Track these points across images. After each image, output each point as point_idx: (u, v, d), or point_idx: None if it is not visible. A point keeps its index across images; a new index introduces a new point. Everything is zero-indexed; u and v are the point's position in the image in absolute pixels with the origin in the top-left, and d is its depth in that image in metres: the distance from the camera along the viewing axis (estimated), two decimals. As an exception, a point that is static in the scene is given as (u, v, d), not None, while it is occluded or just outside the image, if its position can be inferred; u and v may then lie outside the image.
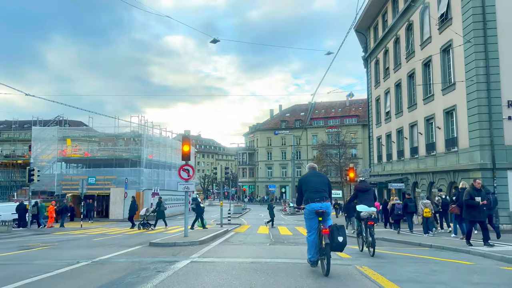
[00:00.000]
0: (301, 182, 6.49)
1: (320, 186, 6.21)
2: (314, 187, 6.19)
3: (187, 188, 11.72)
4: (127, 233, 17.68)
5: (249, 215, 36.34)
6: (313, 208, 6.01)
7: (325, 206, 6.03)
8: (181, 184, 11.71)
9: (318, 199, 6.05)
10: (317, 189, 6.15)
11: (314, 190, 6.15)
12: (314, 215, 6.02)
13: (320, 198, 6.06)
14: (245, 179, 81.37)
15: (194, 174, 11.80)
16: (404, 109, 25.17)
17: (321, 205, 6.01)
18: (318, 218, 5.99)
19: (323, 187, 6.22)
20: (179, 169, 11.76)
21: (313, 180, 6.34)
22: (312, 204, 6.04)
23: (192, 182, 11.78)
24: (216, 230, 14.85)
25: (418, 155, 23.07)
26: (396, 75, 26.59)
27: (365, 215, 8.52)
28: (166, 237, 11.77)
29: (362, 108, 77.10)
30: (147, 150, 37.38)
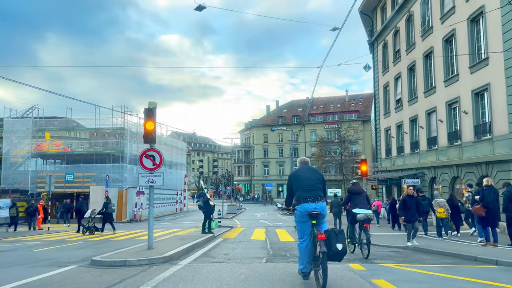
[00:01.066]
0: (292, 178, 5.59)
1: (314, 183, 5.36)
2: (307, 184, 5.33)
3: (151, 182, 8.53)
4: (90, 239, 14.45)
5: (244, 216, 33.17)
6: (306, 209, 5.16)
7: (320, 207, 5.17)
8: (143, 176, 8.50)
9: (312, 198, 5.20)
10: (311, 186, 5.31)
11: (307, 188, 5.30)
12: (307, 218, 5.16)
13: (314, 197, 5.22)
14: (240, 177, 78.10)
15: (162, 163, 8.61)
16: (419, 94, 22.07)
17: (315, 205, 5.15)
18: (312, 221, 5.12)
19: (318, 185, 5.38)
20: (140, 156, 8.56)
21: (305, 176, 5.45)
22: (304, 205, 5.19)
23: (160, 173, 8.58)
24: (198, 237, 11.67)
25: (437, 146, 19.98)
26: (409, 57, 23.49)
27: (362, 217, 8.40)
28: (122, 250, 8.55)
29: (362, 104, 74.23)
30: (132, 145, 34.09)
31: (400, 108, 24.98)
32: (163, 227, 21.19)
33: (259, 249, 9.60)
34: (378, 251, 9.66)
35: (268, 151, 74.70)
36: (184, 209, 43.87)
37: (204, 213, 14.42)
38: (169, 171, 44.48)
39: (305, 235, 5.18)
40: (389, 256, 8.73)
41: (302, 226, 5.23)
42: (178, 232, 16.44)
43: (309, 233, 5.15)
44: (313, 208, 5.10)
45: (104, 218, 17.70)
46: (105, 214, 17.57)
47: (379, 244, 11.47)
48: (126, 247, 9.74)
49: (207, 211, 14.38)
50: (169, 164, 43.64)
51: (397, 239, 13.22)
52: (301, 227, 5.25)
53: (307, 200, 5.17)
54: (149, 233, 8.41)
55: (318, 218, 5.09)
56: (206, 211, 14.35)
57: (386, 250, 10.02)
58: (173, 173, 45.23)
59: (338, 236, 4.84)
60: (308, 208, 5.11)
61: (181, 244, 9.26)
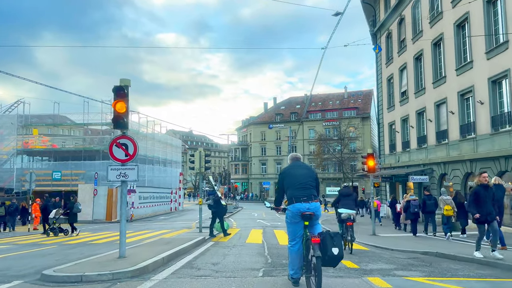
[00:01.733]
0: (283, 176, 5.07)
1: (307, 181, 4.87)
2: (299, 182, 4.85)
3: (123, 176, 7.00)
4: (65, 242, 12.93)
5: (240, 215, 31.68)
6: (298, 209, 4.66)
7: (313, 207, 4.68)
8: (113, 169, 6.97)
9: (305, 198, 4.70)
10: (304, 185, 4.83)
11: (300, 186, 4.81)
12: (299, 219, 4.68)
13: (307, 196, 4.72)
14: (237, 175, 76.61)
15: (137, 154, 7.09)
16: (428, 85, 20.63)
17: (309, 205, 4.65)
18: (304, 223, 4.63)
19: (311, 183, 4.89)
20: (110, 144, 7.00)
21: (298, 173, 4.97)
22: (297, 205, 4.69)
23: (133, 166, 7.05)
24: (186, 240, 10.18)
25: (448, 140, 18.55)
26: (415, 46, 22.04)
27: (346, 216, 9.22)
28: (87, 259, 7.01)
29: (362, 100, 72.84)
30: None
31: (405, 100, 23.55)
32: (153, 228, 19.71)
33: (256, 256, 8.12)
34: (396, 258, 8.20)
35: (266, 149, 73.24)
36: (179, 208, 42.26)
37: (214, 213, 12.90)
38: (163, 169, 42.96)
39: (296, 237, 4.76)
40: (412, 265, 7.28)
41: (294, 228, 4.78)
42: (167, 234, 14.96)
43: (301, 236, 4.73)
44: (306, 209, 4.66)
45: (69, 218, 16.23)
46: (70, 215, 16.07)
47: (392, 249, 10.02)
48: (100, 253, 8.25)
49: (218, 211, 12.91)
50: (163, 162, 42.09)
51: (409, 242, 11.79)
52: (293, 228, 4.80)
53: (300, 199, 4.72)
54: (121, 238, 6.90)
55: (311, 219, 4.66)
56: (217, 210, 12.89)
57: (404, 256, 8.57)
58: (168, 171, 43.70)
59: (334, 240, 4.33)
60: (301, 208, 4.67)
61: (163, 250, 7.77)
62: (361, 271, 6.43)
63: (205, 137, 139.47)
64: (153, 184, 37.65)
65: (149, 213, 34.62)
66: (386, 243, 11.14)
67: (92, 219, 28.40)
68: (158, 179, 40.16)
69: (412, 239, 12.88)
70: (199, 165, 14.49)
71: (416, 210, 14.19)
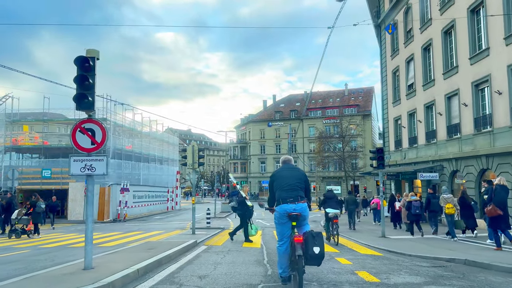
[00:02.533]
0: (273, 178, 5.36)
1: (294, 182, 5.06)
2: (287, 183, 5.04)
3: (89, 169, 5.70)
4: (42, 246, 11.66)
5: (238, 215, 30.40)
6: (285, 210, 4.86)
7: (300, 208, 4.86)
8: (76, 160, 5.66)
9: (292, 199, 4.90)
10: (291, 186, 5.02)
11: (288, 187, 5.01)
12: (286, 219, 4.86)
13: (294, 198, 4.91)
14: (236, 174, 75.29)
15: (106, 142, 5.81)
16: (437, 76, 19.36)
17: (295, 206, 4.86)
18: (292, 223, 4.83)
19: (299, 184, 5.07)
20: (73, 130, 5.69)
21: (286, 175, 5.18)
22: (283, 206, 4.89)
23: (102, 157, 5.75)
24: (174, 244, 8.90)
25: (460, 134, 17.29)
26: (423, 35, 20.77)
27: (332, 215, 11.17)
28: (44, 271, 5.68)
29: (362, 98, 71.58)
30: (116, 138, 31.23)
31: (412, 94, 22.28)
32: (145, 229, 18.44)
33: (253, 265, 6.84)
34: (419, 267, 6.93)
35: (265, 147, 71.98)
36: (176, 207, 40.96)
37: (241, 216, 11.19)
38: (159, 168, 41.66)
39: (284, 237, 4.92)
40: (442, 277, 6.00)
41: (282, 228, 4.96)
42: (157, 236, 13.69)
43: (288, 236, 4.89)
44: (293, 209, 4.84)
45: (32, 219, 14.97)
46: (33, 215, 14.82)
47: (410, 254, 8.76)
48: (71, 260, 6.99)
49: (244, 214, 11.03)
50: (159, 160, 40.79)
51: (423, 245, 10.52)
52: (281, 229, 4.98)
53: (287, 200, 4.90)
54: (86, 247, 5.60)
55: (298, 219, 4.84)
56: (243, 213, 11.06)
57: (427, 264, 7.30)
58: (164, 170, 42.38)
59: (316, 239, 4.50)
60: (287, 209, 4.85)
61: (142, 259, 6.49)
62: (384, 286, 5.17)
63: (203, 135, 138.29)
64: (148, 183, 36.36)
65: (144, 212, 33.36)
66: (400, 247, 9.89)
67: (83, 219, 27.12)
68: (154, 177, 38.86)
69: (425, 241, 11.66)
70: (192, 161, 13.21)
71: (418, 212, 13.53)
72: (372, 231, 15.67)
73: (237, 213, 11.58)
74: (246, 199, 11.41)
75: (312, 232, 4.59)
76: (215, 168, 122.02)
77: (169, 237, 12.54)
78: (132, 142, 34.90)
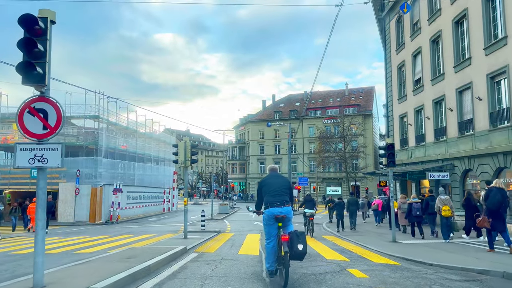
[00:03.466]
0: (261, 185, 6.09)
1: (281, 189, 5.77)
2: (274, 190, 5.74)
3: (40, 161, 4.52)
4: (16, 252, 10.42)
5: (236, 216, 29.24)
6: (272, 213, 5.56)
7: (285, 211, 5.58)
8: (24, 149, 4.43)
9: (278, 203, 5.60)
10: (278, 192, 5.71)
11: (274, 193, 5.69)
12: (273, 221, 5.58)
13: (280, 202, 5.61)
14: (235, 175, 74.22)
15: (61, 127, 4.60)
16: (448, 69, 18.21)
17: (281, 209, 5.55)
18: (278, 224, 5.54)
19: (284, 190, 5.78)
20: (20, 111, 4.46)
21: (273, 182, 5.88)
22: (271, 209, 5.59)
23: (56, 145, 4.54)
24: (159, 252, 7.70)
25: (473, 130, 16.12)
26: (432, 27, 19.63)
27: (309, 214, 13.61)
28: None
29: (363, 98, 70.46)
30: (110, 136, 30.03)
31: (420, 89, 21.12)
32: (136, 232, 17.23)
33: (250, 280, 5.65)
34: (450, 281, 5.74)
35: (264, 147, 70.75)
36: (172, 208, 39.66)
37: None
38: (156, 168, 40.42)
39: (271, 236, 5.55)
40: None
41: (269, 229, 5.58)
42: (146, 241, 12.48)
43: (275, 235, 5.52)
44: (279, 212, 5.47)
45: None
46: None
47: (432, 263, 7.56)
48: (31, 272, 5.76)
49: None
50: (155, 159, 39.56)
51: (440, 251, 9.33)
52: (268, 229, 5.60)
53: (274, 204, 5.52)
54: (36, 259, 4.36)
55: (283, 221, 5.51)
56: None
57: (458, 278, 6.12)
58: (160, 170, 41.18)
59: (300, 238, 5.16)
60: (275, 212, 5.49)
61: (114, 272, 5.30)
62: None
63: (202, 136, 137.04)
64: (143, 183, 35.14)
65: (139, 214, 32.12)
66: (417, 254, 8.71)
67: (74, 221, 25.94)
68: (149, 178, 37.65)
69: (439, 246, 10.53)
70: (184, 158, 12.01)
71: (418, 214, 13.40)
72: (378, 235, 14.54)
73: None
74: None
75: (297, 232, 5.25)
76: (214, 169, 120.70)
77: (157, 242, 11.34)
78: (126, 141, 33.71)
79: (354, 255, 8.83)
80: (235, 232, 15.33)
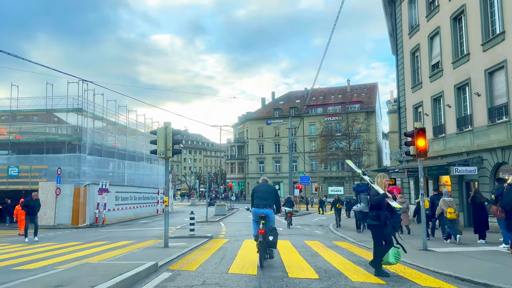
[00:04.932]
0: (253, 191, 7.94)
1: (265, 195, 7.59)
2: (260, 195, 7.60)
3: None
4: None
5: (234, 218, 26.91)
6: (256, 212, 7.51)
7: (266, 212, 7.39)
8: None
9: (262, 205, 7.45)
10: (263, 197, 7.54)
11: (260, 198, 7.56)
12: (258, 218, 7.48)
13: (263, 205, 7.46)
14: (234, 175, 71.80)
15: None
16: (474, 49, 15.87)
17: (263, 211, 7.40)
18: (262, 221, 7.37)
19: (269, 196, 7.62)
20: None
21: (261, 189, 7.77)
22: (255, 209, 7.53)
23: None
24: (111, 275, 5.32)
25: (509, 117, 13.76)
26: (453, 3, 17.31)
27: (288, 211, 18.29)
28: None
29: (366, 94, 68.12)
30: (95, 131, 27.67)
31: (438, 74, 18.78)
32: (115, 238, 14.87)
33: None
34: None
35: (264, 146, 68.32)
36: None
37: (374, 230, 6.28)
38: (149, 167, 38.04)
39: (255, 229, 7.57)
40: None
41: (255, 224, 7.66)
42: (117, 250, 10.10)
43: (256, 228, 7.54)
44: (261, 212, 7.40)
45: None
46: None
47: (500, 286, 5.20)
48: None
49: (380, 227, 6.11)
50: (148, 158, 37.17)
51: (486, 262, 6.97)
52: (254, 224, 7.69)
53: (259, 206, 7.49)
54: None
55: (265, 219, 7.35)
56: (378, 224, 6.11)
57: None
58: (154, 169, 38.78)
59: (271, 232, 7.08)
60: (258, 212, 7.46)
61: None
62: None
63: (200, 135, 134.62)
64: (135, 183, 32.75)
65: (130, 216, 29.72)
66: (470, 271, 6.38)
67: (55, 224, 23.51)
68: (141, 177, 35.28)
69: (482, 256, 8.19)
70: (164, 148, 9.65)
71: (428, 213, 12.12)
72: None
73: (369, 225, 6.46)
74: (388, 198, 6.25)
75: (270, 227, 7.18)
76: (213, 169, 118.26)
77: (127, 253, 8.94)
78: (116, 138, 31.35)
79: (389, 273, 6.41)
80: (229, 238, 12.95)
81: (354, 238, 12.76)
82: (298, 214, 33.19)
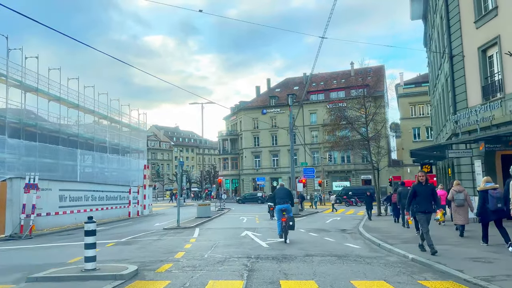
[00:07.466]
0: (274, 193, 12.52)
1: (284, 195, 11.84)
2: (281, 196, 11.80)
3: None
4: None
5: (221, 221, 19.78)
6: (279, 208, 11.56)
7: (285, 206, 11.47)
8: None
9: (283, 202, 11.62)
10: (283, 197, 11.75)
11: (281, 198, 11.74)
12: (280, 212, 11.42)
13: (284, 202, 11.63)
14: (226, 171, 64.36)
15: None
16: None
17: (283, 205, 11.51)
18: (283, 213, 11.29)
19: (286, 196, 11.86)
20: None
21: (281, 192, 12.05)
22: (278, 206, 11.64)
23: None
24: None
25: None
26: None
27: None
28: None
29: (372, 78, 60.87)
30: (20, 103, 20.32)
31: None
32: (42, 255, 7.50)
33: None
34: None
35: (259, 138, 61.02)
36: (144, 212, 29.38)
37: None
38: (117, 159, 30.44)
39: (279, 219, 11.45)
40: None
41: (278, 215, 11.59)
42: None
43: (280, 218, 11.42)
44: (283, 207, 11.45)
45: None
46: None
47: None
48: None
49: None
50: (114, 148, 29.78)
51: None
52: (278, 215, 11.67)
53: (280, 203, 11.62)
54: None
55: (285, 211, 11.27)
56: None
57: None
58: (125, 162, 31.32)
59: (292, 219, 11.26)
60: (280, 207, 11.49)
61: None
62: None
63: (192, 132, 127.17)
64: (93, 179, 25.38)
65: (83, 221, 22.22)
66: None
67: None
68: (106, 172, 27.99)
69: None
70: None
71: (500, 206, 8.22)
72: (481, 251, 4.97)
73: None
74: None
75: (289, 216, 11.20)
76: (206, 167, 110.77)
77: None
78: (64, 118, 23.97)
79: None
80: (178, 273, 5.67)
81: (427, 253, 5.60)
82: (303, 214, 26.13)
